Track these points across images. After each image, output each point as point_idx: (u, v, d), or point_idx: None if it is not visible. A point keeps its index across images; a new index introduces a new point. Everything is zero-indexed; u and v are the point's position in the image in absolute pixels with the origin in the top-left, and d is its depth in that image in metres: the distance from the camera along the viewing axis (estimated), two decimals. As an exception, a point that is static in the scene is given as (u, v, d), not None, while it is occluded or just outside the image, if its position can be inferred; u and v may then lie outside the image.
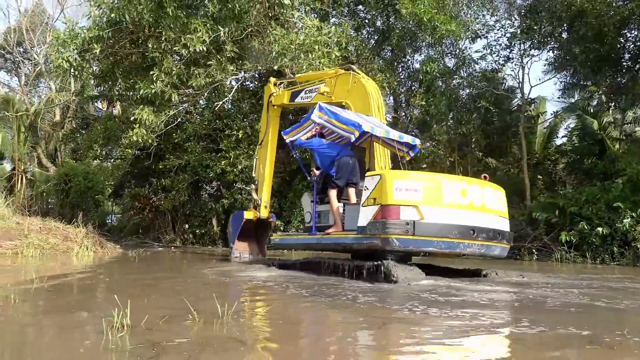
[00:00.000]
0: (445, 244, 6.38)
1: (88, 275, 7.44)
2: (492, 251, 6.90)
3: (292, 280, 6.30)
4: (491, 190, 7.04)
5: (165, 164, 18.17)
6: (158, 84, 12.16)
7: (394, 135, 7.51)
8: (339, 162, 7.57)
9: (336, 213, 7.48)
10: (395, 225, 6.19)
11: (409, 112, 19.55)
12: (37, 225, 12.37)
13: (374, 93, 8.83)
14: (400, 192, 6.33)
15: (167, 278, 6.98)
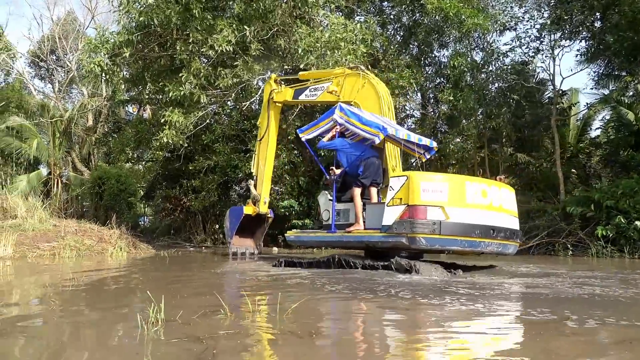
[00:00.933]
0: (468, 243, 6.73)
1: (122, 274, 7.61)
2: (507, 249, 7.27)
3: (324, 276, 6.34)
4: (507, 192, 7.37)
5: (195, 165, 18.40)
6: (187, 86, 12.34)
7: (415, 138, 7.77)
8: (366, 162, 7.75)
9: (359, 211, 7.64)
10: (422, 224, 6.52)
11: (437, 108, 19.36)
12: (73, 228, 12.72)
13: (384, 94, 9.03)
14: (427, 193, 6.66)
15: (197, 276, 7.08)
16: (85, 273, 7.37)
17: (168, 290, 5.20)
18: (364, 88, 9.25)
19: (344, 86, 9.51)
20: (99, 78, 15.45)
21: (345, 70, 9.70)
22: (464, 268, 7.40)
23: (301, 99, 10.52)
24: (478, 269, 7.46)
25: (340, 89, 9.52)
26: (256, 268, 7.89)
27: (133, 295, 5.11)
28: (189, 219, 20.55)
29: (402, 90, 15.49)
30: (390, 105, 8.99)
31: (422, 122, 18.82)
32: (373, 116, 8.12)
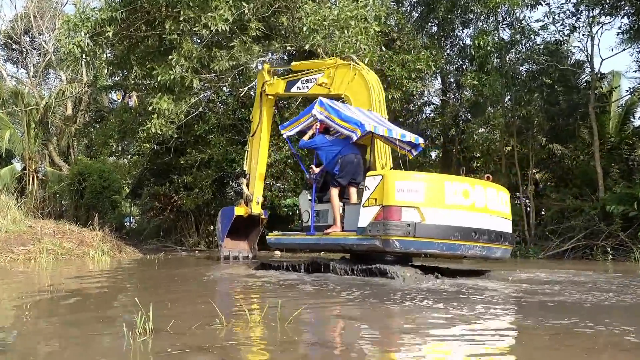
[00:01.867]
0: (446, 246, 7.10)
1: (106, 281, 7.64)
2: (494, 253, 7.63)
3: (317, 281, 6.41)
4: (494, 192, 7.70)
5: (186, 159, 18.44)
6: (177, 69, 12.34)
7: (396, 134, 8.12)
8: (343, 159, 8.07)
9: (336, 213, 8.03)
10: (396, 226, 6.86)
11: (459, 94, 19.29)
12: (51, 229, 12.78)
13: (376, 86, 9.38)
14: (402, 193, 7.02)
15: (187, 282, 7.09)
16: (64, 280, 7.40)
17: (156, 297, 5.21)
18: (354, 80, 9.60)
19: (335, 78, 9.88)
20: (78, 61, 15.47)
21: (337, 61, 10.06)
22: (460, 273, 7.81)
23: (293, 91, 10.90)
24: (472, 274, 7.87)
25: (331, 81, 9.89)
26: (248, 273, 8.07)
27: (118, 303, 5.12)
28: (180, 220, 20.61)
29: (419, 74, 15.44)
30: (381, 98, 9.36)
31: (442, 109, 18.79)
32: (358, 111, 8.57)
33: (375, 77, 9.70)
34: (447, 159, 20.05)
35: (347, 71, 9.73)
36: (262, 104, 11.59)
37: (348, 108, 8.59)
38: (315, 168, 8.60)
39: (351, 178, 8.07)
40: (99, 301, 5.20)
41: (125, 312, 4.26)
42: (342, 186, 8.09)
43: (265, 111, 11.62)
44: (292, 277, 7.13)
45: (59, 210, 25.29)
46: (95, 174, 21.50)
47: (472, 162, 20.95)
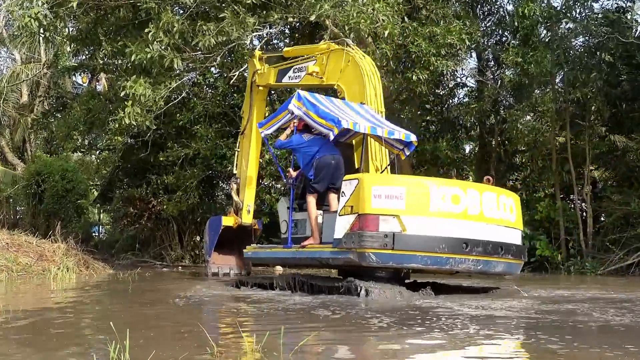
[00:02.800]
0: (431, 260, 7.32)
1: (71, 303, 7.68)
2: (493, 268, 7.87)
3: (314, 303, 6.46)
4: (493, 196, 7.92)
5: (167, 155, 18.48)
6: (155, 47, 12.36)
7: (382, 132, 8.42)
8: (318, 162, 8.42)
9: (314, 222, 8.36)
10: (372, 237, 7.11)
11: (499, 74, 19.23)
12: (4, 241, 12.83)
13: (371, 75, 9.78)
14: (380, 199, 7.24)
15: (171, 304, 7.14)
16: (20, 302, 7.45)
17: (133, 322, 5.24)
18: (347, 68, 9.95)
19: (328, 66, 10.26)
20: (36, 37, 15.57)
21: (330, 46, 10.43)
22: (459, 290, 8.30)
23: (285, 82, 11.33)
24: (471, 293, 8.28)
25: (324, 69, 10.27)
26: (235, 292, 8.36)
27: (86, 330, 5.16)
28: (159, 229, 20.68)
29: (450, 49, 15.39)
30: (377, 88, 9.74)
31: (479, 93, 18.75)
32: (346, 105, 9.04)
33: (372, 64, 10.03)
34: (484, 154, 20.03)
35: (341, 57, 10.04)
36: (253, 96, 11.95)
37: (331, 102, 8.95)
38: (293, 172, 8.93)
39: (329, 183, 8.35)
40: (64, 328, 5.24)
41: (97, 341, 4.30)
42: (318, 192, 8.40)
43: (257, 105, 11.97)
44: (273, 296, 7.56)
45: (13, 219, 25.42)
46: (57, 173, 21.61)
47: (516, 157, 20.92)
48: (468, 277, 10.09)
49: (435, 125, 21.18)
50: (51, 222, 20.32)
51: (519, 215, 8.39)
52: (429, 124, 21.26)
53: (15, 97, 27.60)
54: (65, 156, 24.15)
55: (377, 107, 9.56)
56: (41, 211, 21.88)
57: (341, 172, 8.39)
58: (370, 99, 9.52)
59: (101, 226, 30.11)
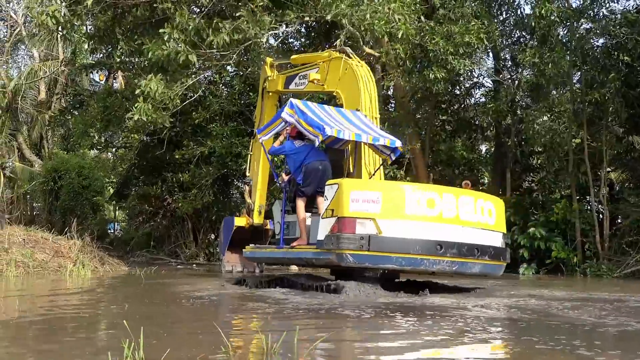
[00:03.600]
0: (406, 261, 7.80)
1: (86, 300, 7.72)
2: (470, 269, 8.30)
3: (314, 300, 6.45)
4: (470, 200, 8.35)
5: (182, 153, 18.55)
6: (171, 44, 12.41)
7: (367, 139, 8.92)
8: (306, 167, 8.98)
9: (302, 224, 8.96)
10: (348, 239, 7.63)
11: (516, 74, 19.11)
12: (20, 237, 12.94)
13: (367, 82, 10.29)
14: (357, 203, 7.76)
15: (185, 302, 7.15)
16: (36, 298, 7.49)
17: (147, 320, 5.25)
18: (345, 76, 10.48)
19: (329, 73, 10.84)
20: (54, 35, 15.66)
21: (331, 54, 10.96)
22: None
23: (291, 88, 11.93)
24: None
25: (325, 76, 10.87)
26: (245, 291, 8.63)
27: (101, 328, 5.17)
28: (174, 227, 20.76)
29: (467, 49, 15.32)
30: (372, 95, 10.23)
31: (496, 93, 18.64)
32: (338, 112, 9.55)
33: (368, 71, 10.52)
34: (500, 154, 19.90)
35: (339, 66, 10.60)
36: (264, 101, 12.60)
37: (323, 109, 9.50)
38: (285, 176, 9.55)
39: (317, 187, 8.79)
40: (79, 325, 5.26)
41: (111, 339, 4.31)
42: (307, 196, 8.94)
43: (267, 110, 12.45)
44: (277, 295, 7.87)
45: (29, 215, 25.58)
46: (73, 170, 21.72)
47: (532, 157, 20.77)
48: (469, 278, 10.45)
49: (451, 125, 21.09)
50: (67, 219, 20.42)
51: (500, 219, 8.78)
52: (444, 123, 21.17)
53: (33, 95, 27.75)
54: (82, 153, 24.30)
55: (371, 113, 10.06)
56: (58, 208, 22.01)
57: (329, 176, 8.86)
58: (365, 105, 10.02)
59: (117, 223, 30.27)
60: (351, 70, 10.38)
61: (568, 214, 16.21)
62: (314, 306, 6.61)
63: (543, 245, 15.93)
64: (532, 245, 16.03)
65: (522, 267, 16.04)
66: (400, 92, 17.46)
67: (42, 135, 28.22)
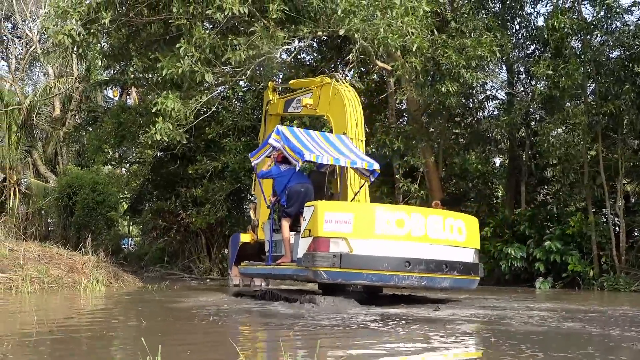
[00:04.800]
0: (376, 277, 8.46)
1: (102, 317, 7.72)
2: (439, 283, 8.93)
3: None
4: (439, 219, 8.94)
5: (196, 168, 18.59)
6: (186, 61, 12.47)
7: (345, 163, 9.61)
8: (290, 190, 9.69)
9: (286, 243, 9.61)
10: (322, 258, 8.25)
11: (530, 86, 19.06)
12: (35, 253, 13.00)
13: (355, 107, 10.98)
14: (330, 224, 8.42)
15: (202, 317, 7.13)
16: (52, 314, 7.51)
17: (165, 337, 5.24)
18: (334, 100, 11.19)
19: (320, 97, 11.58)
20: (69, 52, 15.77)
21: (322, 80, 11.65)
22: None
23: (290, 111, 12.73)
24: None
25: (317, 101, 11.63)
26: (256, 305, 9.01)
27: (118, 345, 5.17)
28: (188, 242, 20.77)
29: (480, 62, 15.32)
30: (358, 119, 10.88)
31: (509, 106, 18.57)
32: (323, 137, 10.29)
33: (355, 96, 11.15)
34: (514, 167, 19.82)
35: (329, 90, 11.33)
36: (267, 123, 13.26)
37: (308, 135, 10.24)
38: (272, 198, 10.29)
39: (299, 208, 9.36)
40: (96, 342, 5.26)
41: (129, 356, 4.30)
42: (290, 216, 9.61)
43: (270, 131, 12.81)
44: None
45: (44, 230, 25.73)
46: (88, 186, 21.85)
47: (546, 170, 20.67)
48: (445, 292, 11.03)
49: (465, 138, 21.03)
50: (82, 234, 20.53)
51: (472, 236, 9.32)
52: (458, 136, 21.12)
53: (48, 111, 28.00)
54: (96, 169, 24.38)
55: (357, 135, 10.75)
56: (72, 223, 22.13)
57: (310, 198, 9.50)
58: (352, 129, 10.72)
59: (131, 238, 30.34)
60: (339, 94, 11.04)
61: (584, 226, 16.10)
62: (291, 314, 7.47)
63: (559, 259, 15.82)
64: (547, 259, 15.92)
65: (539, 281, 15.92)
66: (413, 105, 17.44)
67: (56, 152, 28.43)
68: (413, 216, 8.75)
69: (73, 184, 22.18)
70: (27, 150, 26.78)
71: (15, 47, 31.72)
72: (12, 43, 31.39)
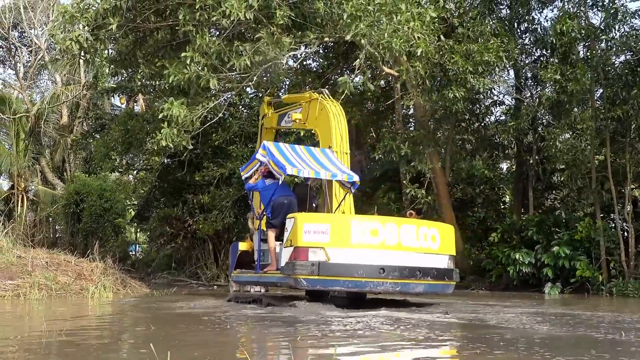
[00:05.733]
0: (352, 283, 9.06)
1: (110, 323, 7.72)
2: (413, 289, 9.54)
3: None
4: (412, 228, 9.54)
5: (203, 174, 18.63)
6: (192, 68, 12.51)
7: (325, 175, 10.24)
8: (274, 203, 10.33)
9: (272, 252, 10.21)
10: (302, 266, 8.87)
11: (537, 92, 19.02)
12: (43, 259, 13.04)
13: (340, 121, 11.53)
14: (309, 234, 8.99)
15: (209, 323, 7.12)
16: (59, 322, 7.51)
17: (171, 343, 5.23)
18: (320, 115, 11.70)
19: (309, 112, 12.06)
20: (76, 59, 15.84)
21: (311, 95, 12.17)
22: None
23: (282, 125, 13.20)
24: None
25: (306, 116, 12.13)
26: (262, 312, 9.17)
27: (127, 351, 5.16)
28: (195, 248, 20.79)
29: (487, 67, 15.29)
30: (343, 132, 11.41)
31: (517, 111, 18.54)
32: (308, 152, 10.89)
33: (340, 110, 11.65)
34: (521, 172, 19.77)
35: (316, 106, 11.80)
36: (262, 136, 13.62)
37: (293, 150, 10.85)
38: (260, 210, 10.91)
39: (283, 219, 9.84)
40: (105, 349, 5.25)
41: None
42: (276, 227, 10.14)
43: None
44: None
45: (52, 237, 25.82)
46: (95, 193, 21.93)
47: (554, 175, 20.59)
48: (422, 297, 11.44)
49: (472, 144, 20.99)
50: (89, 241, 20.58)
51: (446, 243, 9.86)
52: (465, 142, 21.07)
53: (56, 118, 28.11)
54: (104, 176, 24.49)
55: (342, 148, 11.26)
56: (80, 230, 22.20)
57: (293, 210, 10.12)
58: (337, 142, 11.26)
59: (138, 245, 30.41)
60: (325, 109, 11.53)
61: (592, 232, 16.02)
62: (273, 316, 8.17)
63: (567, 264, 15.73)
64: (556, 264, 15.83)
65: (547, 286, 15.82)
66: (420, 111, 17.42)
67: (64, 159, 28.54)
68: (387, 226, 9.32)
69: (80, 191, 22.26)
70: (34, 157, 26.88)
71: (23, 55, 31.88)
72: (20, 51, 31.56)
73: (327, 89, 16.68)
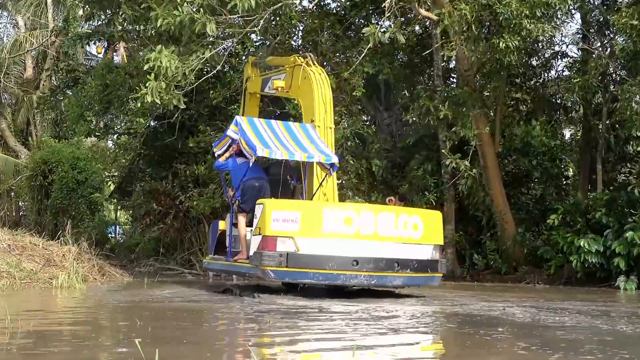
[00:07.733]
0: (322, 276, 9.82)
1: (85, 317, 7.81)
2: (390, 282, 10.47)
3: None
4: (390, 216, 10.34)
5: (198, 140, 18.61)
6: (184, 9, 12.46)
7: (300, 157, 11.00)
8: (244, 185, 11.11)
9: (242, 239, 10.93)
10: (269, 257, 9.67)
11: (608, 41, 18.83)
12: (5, 242, 13.14)
13: (326, 92, 12.15)
14: (278, 222, 9.77)
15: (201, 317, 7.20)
16: (24, 317, 7.60)
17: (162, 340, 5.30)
18: (303, 83, 12.31)
19: (293, 79, 12.68)
20: (43, -2, 15.79)
21: (295, 60, 12.73)
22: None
23: (266, 91, 13.93)
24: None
25: (290, 82, 12.76)
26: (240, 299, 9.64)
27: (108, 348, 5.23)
28: (188, 230, 20.85)
29: (547, 10, 15.14)
30: (329, 105, 12.08)
31: (583, 64, 18.38)
32: (285, 128, 11.69)
33: (325, 79, 12.31)
34: (589, 141, 19.65)
35: (300, 73, 12.39)
36: (246, 102, 14.57)
37: (269, 126, 11.64)
38: (231, 191, 11.66)
39: (254, 204, 10.60)
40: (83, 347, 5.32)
41: None
42: (246, 212, 10.89)
43: (248, 111, 14.27)
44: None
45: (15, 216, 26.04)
46: (67, 162, 22.00)
47: (629, 144, 20.46)
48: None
49: (527, 105, 20.84)
50: (60, 221, 20.73)
51: (431, 231, 10.71)
52: (519, 102, 20.91)
53: (19, 71, 28.19)
54: (77, 142, 24.53)
55: (326, 123, 11.93)
56: (48, 207, 22.31)
57: (265, 193, 11.05)
58: (320, 116, 11.91)
59: (118, 226, 30.57)
60: (309, 78, 12.14)
61: (675, 213, 15.93)
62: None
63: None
64: (630, 254, 15.76)
65: (620, 279, 15.70)
66: (464, 64, 17.28)
67: (29, 120, 28.65)
68: (363, 214, 10.11)
69: (49, 160, 22.33)
70: (-7, 118, 27.00)
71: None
72: (-25, -12, 31.58)
73: (350, 35, 16.68)
